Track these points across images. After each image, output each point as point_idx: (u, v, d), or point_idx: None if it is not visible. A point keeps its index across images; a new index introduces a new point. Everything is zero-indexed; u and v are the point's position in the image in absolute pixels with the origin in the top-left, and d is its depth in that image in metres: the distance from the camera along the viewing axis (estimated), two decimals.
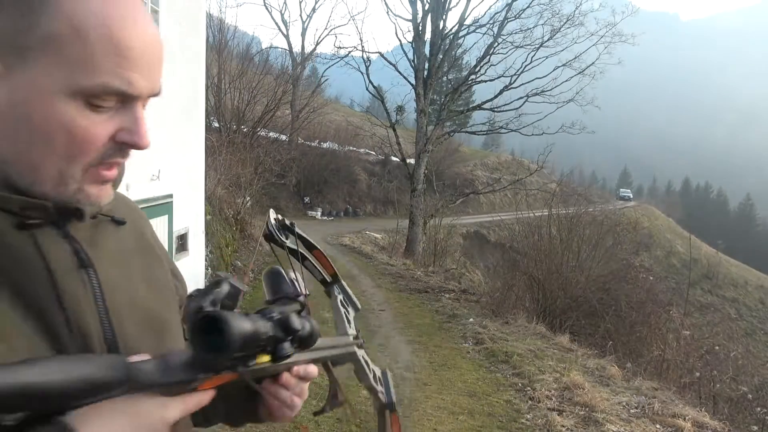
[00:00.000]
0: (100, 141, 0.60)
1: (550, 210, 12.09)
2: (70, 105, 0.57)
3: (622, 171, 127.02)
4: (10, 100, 0.56)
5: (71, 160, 0.59)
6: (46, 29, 0.55)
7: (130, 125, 0.61)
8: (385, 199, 31.00)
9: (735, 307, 32.32)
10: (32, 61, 0.56)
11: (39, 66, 0.56)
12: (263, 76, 22.74)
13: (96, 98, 0.58)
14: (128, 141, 0.61)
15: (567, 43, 17.42)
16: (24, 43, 0.55)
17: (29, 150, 0.58)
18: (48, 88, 0.56)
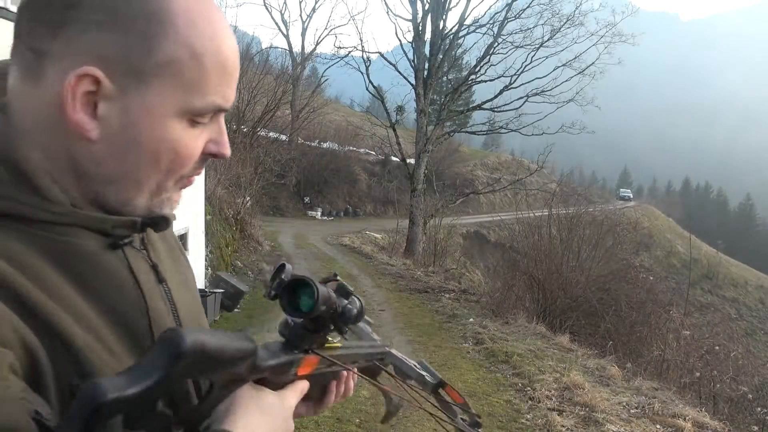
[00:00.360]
0: (197, 154, 0.61)
1: (550, 210, 12.10)
2: (178, 124, 0.58)
3: (622, 171, 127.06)
4: (122, 122, 0.55)
5: (171, 174, 0.60)
6: (166, 54, 0.55)
7: (217, 136, 0.62)
8: (385, 199, 30.99)
9: (735, 307, 32.33)
10: (148, 84, 0.55)
11: (154, 89, 0.55)
12: (263, 76, 22.75)
13: (201, 116, 0.59)
14: (216, 152, 0.62)
15: (567, 43, 17.42)
16: (142, 67, 0.54)
17: (137, 169, 0.58)
18: (161, 110, 0.56)
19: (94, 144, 0.55)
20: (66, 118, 0.53)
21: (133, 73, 0.54)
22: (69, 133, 0.54)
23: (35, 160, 0.53)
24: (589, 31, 17.40)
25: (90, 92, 0.53)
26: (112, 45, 0.53)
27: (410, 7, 17.41)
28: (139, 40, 0.54)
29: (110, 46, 0.53)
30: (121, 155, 0.56)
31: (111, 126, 0.55)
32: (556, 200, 12.90)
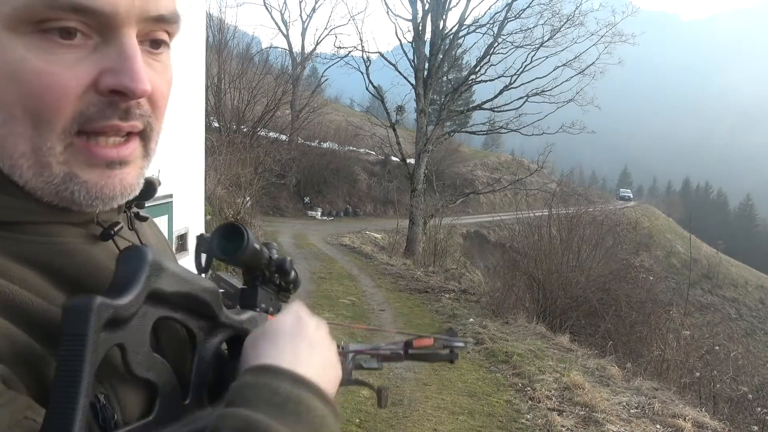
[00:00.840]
0: (72, 90, 0.43)
1: (550, 210, 12.09)
2: (15, 42, 0.41)
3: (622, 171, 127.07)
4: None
5: (40, 127, 0.43)
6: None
7: (114, 64, 0.44)
8: (385, 199, 30.99)
9: (735, 307, 32.33)
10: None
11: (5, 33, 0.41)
12: (263, 76, 22.76)
13: (49, 23, 0.41)
14: (115, 85, 0.44)
15: (567, 43, 17.43)
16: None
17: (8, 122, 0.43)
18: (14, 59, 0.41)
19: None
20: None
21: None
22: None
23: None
24: (589, 31, 17.42)
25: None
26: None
27: (410, 7, 17.43)
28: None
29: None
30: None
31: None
32: (556, 200, 12.90)
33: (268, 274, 0.71)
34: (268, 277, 0.71)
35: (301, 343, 0.53)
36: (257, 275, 0.70)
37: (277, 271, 0.72)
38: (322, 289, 9.41)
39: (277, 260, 0.71)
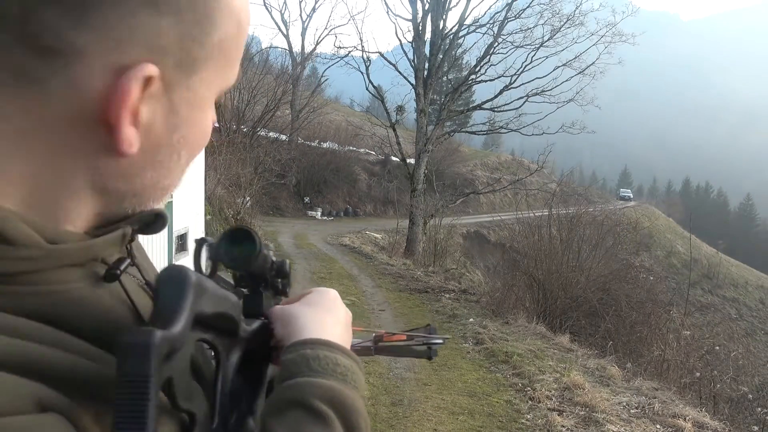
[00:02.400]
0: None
1: (550, 210, 12.09)
2: (211, 110, 0.47)
3: (622, 171, 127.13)
4: (167, 126, 0.43)
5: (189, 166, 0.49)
6: (221, 32, 0.43)
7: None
8: (385, 199, 31.00)
9: (735, 307, 32.33)
10: (198, 73, 0.43)
11: (203, 76, 0.44)
12: (263, 76, 22.77)
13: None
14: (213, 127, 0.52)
15: (567, 43, 17.42)
16: (197, 55, 0.42)
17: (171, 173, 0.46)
18: (208, 100, 0.46)
19: (127, 158, 0.41)
20: (108, 124, 0.39)
21: (186, 63, 0.42)
22: (98, 147, 0.40)
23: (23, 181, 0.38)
24: (589, 31, 17.40)
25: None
26: (167, 32, 0.39)
27: (410, 7, 17.42)
28: (196, 21, 0.41)
29: (165, 34, 0.39)
30: (161, 163, 0.44)
31: (152, 132, 0.42)
32: (556, 200, 12.90)
33: (270, 278, 0.68)
34: (269, 282, 0.68)
35: (326, 316, 0.57)
36: (261, 281, 0.67)
37: (277, 275, 0.69)
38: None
39: (278, 263, 0.68)
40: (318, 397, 0.46)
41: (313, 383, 0.47)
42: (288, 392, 0.46)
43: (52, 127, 0.38)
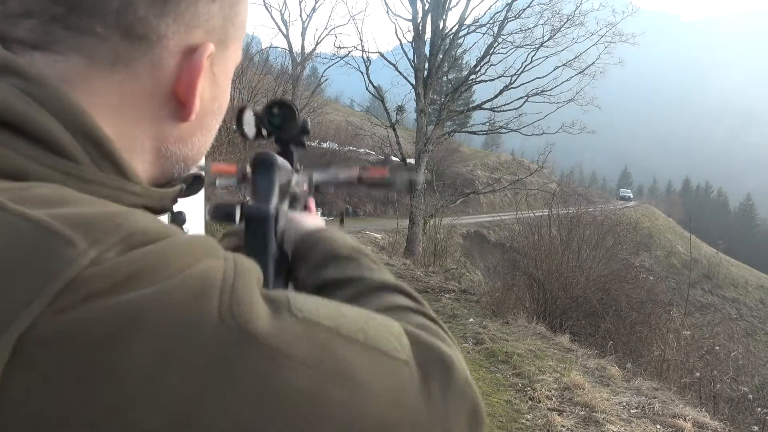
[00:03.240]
0: None
1: (550, 210, 12.08)
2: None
3: (622, 171, 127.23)
4: (212, 95, 0.52)
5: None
6: (243, 14, 0.54)
7: None
8: (385, 199, 31.01)
9: (735, 307, 32.32)
10: (228, 48, 0.53)
11: (231, 52, 0.53)
12: (263, 76, 22.78)
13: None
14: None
15: (567, 43, 17.43)
16: (232, 33, 0.52)
17: (211, 138, 0.56)
18: (231, 70, 0.55)
19: (186, 123, 0.50)
20: (178, 99, 0.48)
21: (224, 40, 0.51)
22: (164, 116, 0.48)
23: (114, 139, 0.45)
24: (589, 31, 17.41)
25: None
26: (216, 13, 0.49)
27: (410, 7, 17.43)
28: (230, 6, 0.51)
29: (214, 15, 0.49)
30: (206, 128, 0.54)
31: (203, 101, 0.50)
32: (556, 200, 12.89)
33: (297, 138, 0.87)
34: (297, 140, 0.88)
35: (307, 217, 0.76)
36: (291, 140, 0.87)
37: (302, 132, 0.88)
38: None
39: (302, 123, 0.87)
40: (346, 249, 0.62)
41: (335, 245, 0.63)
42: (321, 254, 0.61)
43: (136, 100, 0.46)
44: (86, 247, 0.33)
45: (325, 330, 0.37)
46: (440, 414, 0.40)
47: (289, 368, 0.34)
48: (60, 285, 0.31)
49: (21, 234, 0.33)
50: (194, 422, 0.31)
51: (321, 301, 0.41)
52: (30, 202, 0.35)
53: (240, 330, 0.33)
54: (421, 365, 0.41)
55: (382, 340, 0.40)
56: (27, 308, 0.30)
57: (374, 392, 0.37)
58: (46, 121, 0.40)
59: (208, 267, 0.36)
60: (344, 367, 0.36)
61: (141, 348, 0.31)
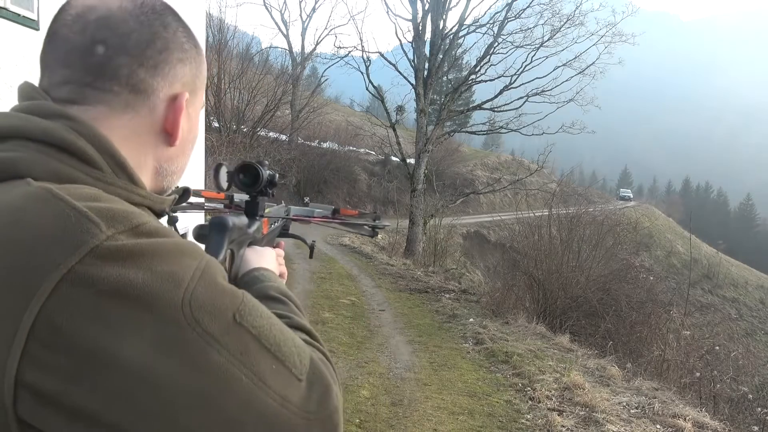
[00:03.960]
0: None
1: (550, 210, 12.08)
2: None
3: (622, 171, 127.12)
4: (188, 127, 0.74)
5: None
6: (204, 71, 0.76)
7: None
8: (385, 199, 31.00)
9: (735, 307, 32.30)
10: (197, 94, 0.75)
11: (199, 96, 0.76)
12: (263, 76, 22.77)
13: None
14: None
15: (567, 43, 17.41)
16: (198, 84, 0.75)
17: (187, 160, 0.77)
18: (198, 110, 0.76)
19: (173, 148, 0.72)
20: (167, 131, 0.70)
21: (194, 90, 0.74)
22: (159, 143, 0.71)
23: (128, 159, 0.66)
24: (589, 31, 17.40)
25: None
26: (188, 73, 0.72)
27: (410, 7, 17.42)
28: (197, 66, 0.74)
29: (187, 75, 0.72)
30: (185, 151, 0.76)
31: (183, 131, 0.72)
32: (556, 200, 12.88)
33: (264, 189, 1.02)
34: (264, 191, 1.03)
35: (267, 255, 0.94)
36: (258, 192, 1.02)
37: (269, 185, 1.03)
38: (322, 289, 9.41)
39: (270, 176, 1.02)
40: (275, 289, 0.80)
41: (266, 285, 0.82)
42: (255, 293, 0.73)
43: (139, 133, 0.68)
44: (106, 229, 0.53)
45: (250, 335, 0.55)
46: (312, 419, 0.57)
47: (216, 350, 0.52)
48: (87, 250, 0.51)
49: (69, 217, 0.53)
50: (143, 368, 0.49)
51: (264, 313, 0.59)
52: (78, 196, 0.55)
53: (193, 316, 0.52)
54: (310, 383, 0.59)
55: (289, 357, 0.58)
56: (66, 261, 0.50)
57: (270, 387, 0.55)
58: (84, 145, 0.62)
59: (186, 265, 0.55)
60: (253, 362, 0.54)
61: (124, 307, 0.50)
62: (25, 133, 0.60)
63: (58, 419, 0.49)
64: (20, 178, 0.57)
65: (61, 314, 0.49)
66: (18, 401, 0.49)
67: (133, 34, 0.66)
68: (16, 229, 0.52)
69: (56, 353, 0.48)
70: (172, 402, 0.50)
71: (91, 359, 0.49)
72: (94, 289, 0.50)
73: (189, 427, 0.51)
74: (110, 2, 0.66)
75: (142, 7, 0.68)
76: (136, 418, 0.49)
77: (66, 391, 0.48)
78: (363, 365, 5.76)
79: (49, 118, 0.62)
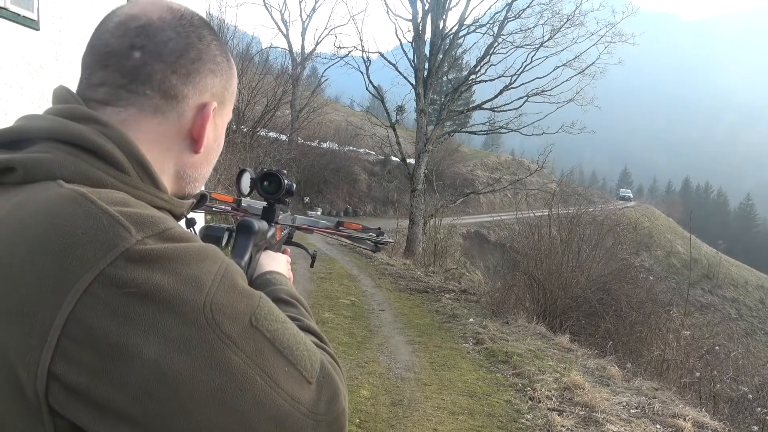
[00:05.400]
0: None
1: (550, 210, 12.07)
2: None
3: (622, 171, 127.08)
4: (214, 136, 0.78)
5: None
6: (233, 86, 0.80)
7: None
8: (385, 199, 31.00)
9: (735, 307, 32.33)
10: (225, 107, 0.78)
11: (226, 109, 0.79)
12: (263, 76, 22.77)
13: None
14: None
15: (567, 43, 17.44)
16: (227, 97, 0.78)
17: (210, 168, 0.81)
18: (225, 123, 0.81)
19: (197, 155, 0.75)
20: (193, 137, 0.73)
21: (223, 101, 0.77)
22: (184, 149, 0.74)
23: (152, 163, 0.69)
24: (589, 31, 17.42)
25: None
26: (218, 84, 0.75)
27: (410, 7, 17.43)
28: (227, 80, 0.78)
29: (217, 86, 0.75)
30: (209, 159, 0.79)
31: (208, 139, 0.75)
32: (556, 200, 12.88)
33: (281, 198, 1.07)
34: (281, 199, 1.07)
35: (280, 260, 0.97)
36: (276, 199, 1.07)
37: (286, 195, 1.07)
38: (322, 289, 9.41)
39: (287, 186, 1.06)
40: (284, 292, 0.83)
41: (278, 288, 0.85)
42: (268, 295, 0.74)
43: (166, 137, 0.71)
44: (136, 233, 0.56)
45: (264, 339, 0.59)
46: (320, 420, 0.61)
47: (233, 351, 0.56)
48: (118, 253, 0.54)
49: (101, 220, 0.55)
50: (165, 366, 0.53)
51: (279, 316, 0.63)
52: (109, 201, 0.58)
53: (213, 319, 0.55)
54: (319, 386, 0.62)
55: (301, 360, 0.61)
56: (98, 263, 0.53)
57: (282, 388, 0.58)
58: (112, 149, 0.64)
59: (207, 270, 0.58)
60: (267, 364, 0.58)
61: (150, 308, 0.53)
62: (57, 135, 0.63)
63: (85, 411, 0.53)
64: (51, 179, 0.60)
65: (92, 313, 0.52)
66: (50, 392, 0.52)
67: (169, 43, 0.70)
68: (52, 230, 0.55)
69: (85, 349, 0.52)
70: (191, 398, 0.53)
71: (117, 356, 0.52)
72: (123, 291, 0.53)
73: (205, 422, 0.54)
74: (151, 13, 0.71)
75: (180, 20, 0.72)
76: (158, 415, 0.53)
77: (93, 386, 0.52)
78: (363, 365, 5.76)
79: (80, 121, 0.65)
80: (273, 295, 0.81)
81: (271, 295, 0.80)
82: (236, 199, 1.33)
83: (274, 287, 0.85)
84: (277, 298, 0.80)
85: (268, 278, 0.89)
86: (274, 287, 0.85)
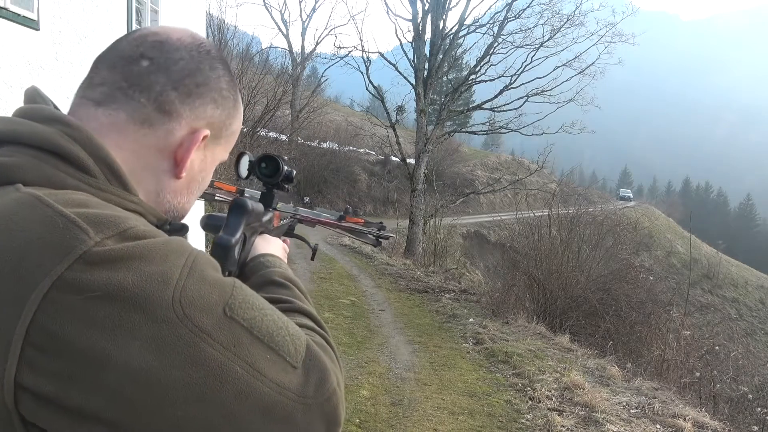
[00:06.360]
0: None
1: (550, 210, 12.07)
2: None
3: (622, 171, 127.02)
4: (199, 168, 0.75)
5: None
6: (234, 127, 0.79)
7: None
8: (385, 199, 30.98)
9: (735, 307, 32.29)
10: (219, 144, 0.77)
11: (220, 147, 0.77)
12: (263, 76, 22.76)
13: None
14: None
15: (567, 43, 17.43)
16: (222, 133, 0.76)
17: (191, 201, 0.78)
18: (217, 160, 0.79)
19: (178, 180, 0.73)
20: (176, 159, 0.71)
21: (218, 136, 0.76)
22: (165, 170, 0.71)
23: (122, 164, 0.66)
24: (589, 31, 17.42)
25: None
26: (217, 116, 0.74)
27: (410, 7, 17.43)
28: (228, 117, 0.76)
29: (216, 117, 0.74)
30: (191, 190, 0.77)
31: (192, 168, 0.74)
32: (556, 200, 12.88)
33: (280, 183, 1.05)
34: (280, 185, 1.05)
35: (275, 243, 0.95)
36: (274, 184, 1.05)
37: (285, 180, 1.05)
38: (322, 289, 9.41)
39: (287, 173, 1.04)
40: (278, 275, 0.81)
41: (272, 270, 0.82)
42: (261, 278, 0.80)
43: (148, 150, 0.69)
44: (94, 235, 0.54)
45: (241, 328, 0.57)
46: (310, 404, 0.59)
47: (208, 344, 0.54)
48: (76, 256, 0.52)
49: (57, 223, 0.53)
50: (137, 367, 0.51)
51: (256, 303, 0.61)
52: (66, 203, 0.56)
53: (184, 313, 0.54)
54: (306, 369, 0.61)
55: (283, 345, 0.60)
56: (55, 268, 0.51)
57: (266, 376, 0.57)
58: (77, 151, 0.62)
59: (174, 264, 0.56)
60: (246, 354, 0.56)
61: (114, 309, 0.51)
62: (21, 138, 0.61)
63: (58, 418, 0.51)
64: (10, 183, 0.58)
65: (54, 320, 0.50)
66: (19, 403, 0.51)
67: (180, 62, 0.70)
68: (5, 236, 0.53)
69: (52, 357, 0.50)
70: (169, 397, 0.52)
71: (86, 361, 0.50)
72: (84, 295, 0.51)
73: (188, 420, 0.53)
74: (172, 33, 0.72)
75: (198, 46, 0.73)
76: (136, 415, 0.52)
77: (64, 393, 0.50)
78: (363, 365, 5.76)
79: (46, 123, 0.63)
80: (266, 277, 0.81)
81: (265, 278, 0.80)
82: (239, 189, 1.33)
83: (268, 270, 0.83)
84: (270, 281, 0.79)
85: (261, 261, 0.87)
86: (268, 270, 0.83)
